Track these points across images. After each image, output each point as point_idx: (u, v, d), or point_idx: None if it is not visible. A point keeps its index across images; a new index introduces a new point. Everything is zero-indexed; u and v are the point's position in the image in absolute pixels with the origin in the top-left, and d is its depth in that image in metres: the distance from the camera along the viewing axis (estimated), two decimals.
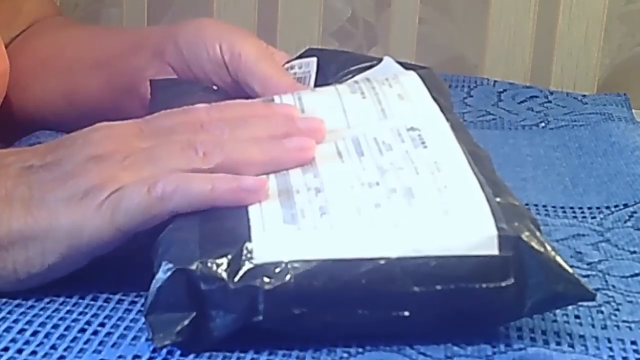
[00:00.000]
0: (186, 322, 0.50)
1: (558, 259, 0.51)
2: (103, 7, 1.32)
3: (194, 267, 0.50)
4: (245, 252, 0.50)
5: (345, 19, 1.26)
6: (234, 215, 0.52)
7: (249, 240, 0.51)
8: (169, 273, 0.50)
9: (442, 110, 0.60)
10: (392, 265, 0.50)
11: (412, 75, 0.64)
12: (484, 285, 0.50)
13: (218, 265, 0.50)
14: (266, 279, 0.50)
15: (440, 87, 0.64)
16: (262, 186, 0.53)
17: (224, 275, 0.50)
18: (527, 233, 0.51)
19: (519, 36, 1.22)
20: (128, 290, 0.57)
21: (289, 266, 0.50)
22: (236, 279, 0.50)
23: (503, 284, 0.51)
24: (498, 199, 0.53)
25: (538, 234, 0.52)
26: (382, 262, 0.50)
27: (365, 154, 0.56)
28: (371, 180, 0.54)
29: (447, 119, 0.59)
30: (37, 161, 0.56)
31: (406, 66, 0.68)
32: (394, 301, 0.50)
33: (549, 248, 0.51)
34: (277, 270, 0.50)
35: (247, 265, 0.50)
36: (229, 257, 0.50)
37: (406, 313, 0.51)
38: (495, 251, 0.51)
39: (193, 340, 0.50)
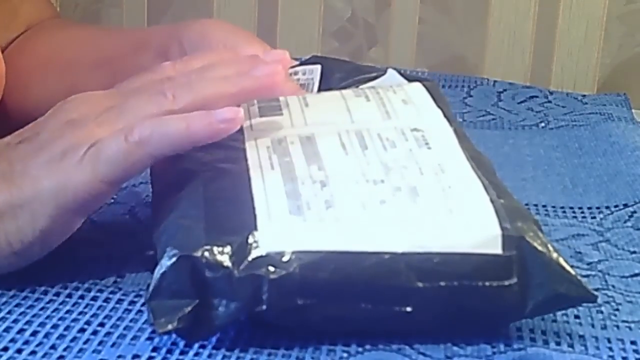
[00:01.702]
0: (188, 309, 0.50)
1: (561, 260, 0.51)
2: (103, 7, 1.32)
3: (198, 254, 0.50)
4: (251, 240, 0.50)
5: (345, 19, 1.26)
6: (240, 204, 0.52)
7: (255, 229, 0.51)
8: (173, 259, 0.50)
9: (445, 117, 0.61)
10: (396, 260, 0.50)
11: (417, 84, 0.65)
12: (487, 284, 0.51)
13: (223, 253, 0.50)
14: (271, 268, 0.50)
15: (442, 99, 0.64)
16: (237, 114, 0.54)
17: (229, 263, 0.50)
18: (530, 234, 0.51)
19: (519, 36, 1.22)
20: (128, 290, 0.57)
21: (295, 256, 0.50)
22: (241, 267, 0.50)
23: (506, 283, 0.51)
24: (502, 201, 0.53)
25: (541, 235, 0.52)
26: (386, 256, 0.50)
27: (369, 148, 0.56)
28: (376, 178, 0.54)
29: (450, 124, 0.60)
30: (14, 139, 0.57)
31: (409, 78, 0.68)
32: (397, 296, 0.50)
33: (551, 249, 0.52)
34: (283, 260, 0.50)
35: (252, 254, 0.50)
36: (235, 245, 0.50)
37: (409, 309, 0.51)
38: (498, 250, 0.51)
39: (194, 327, 0.50)
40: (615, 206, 0.74)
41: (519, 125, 0.95)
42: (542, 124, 0.95)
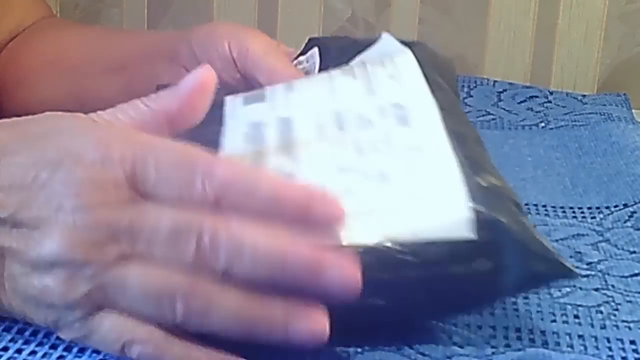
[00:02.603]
0: None
1: (537, 236, 0.50)
2: (103, 7, 1.32)
3: None
4: None
5: (345, 19, 1.26)
6: None
7: None
8: None
9: (432, 90, 0.59)
10: (365, 253, 0.48)
11: (408, 55, 0.63)
12: (461, 269, 0.49)
13: None
14: None
15: (438, 63, 0.62)
16: None
17: None
18: (505, 213, 0.50)
19: (519, 36, 1.22)
20: None
21: None
22: None
23: (480, 267, 0.50)
24: (478, 179, 0.52)
25: (517, 212, 0.51)
26: (356, 250, 0.48)
27: (344, 129, 0.55)
28: (346, 165, 0.52)
29: (437, 99, 0.58)
30: (4, 207, 0.47)
31: (406, 43, 0.66)
32: (368, 290, 0.48)
33: (528, 226, 0.51)
34: None
35: None
36: None
37: (381, 302, 0.49)
38: (470, 234, 0.49)
39: None
40: (615, 206, 0.74)
41: (519, 125, 0.95)
42: (542, 124, 0.95)
